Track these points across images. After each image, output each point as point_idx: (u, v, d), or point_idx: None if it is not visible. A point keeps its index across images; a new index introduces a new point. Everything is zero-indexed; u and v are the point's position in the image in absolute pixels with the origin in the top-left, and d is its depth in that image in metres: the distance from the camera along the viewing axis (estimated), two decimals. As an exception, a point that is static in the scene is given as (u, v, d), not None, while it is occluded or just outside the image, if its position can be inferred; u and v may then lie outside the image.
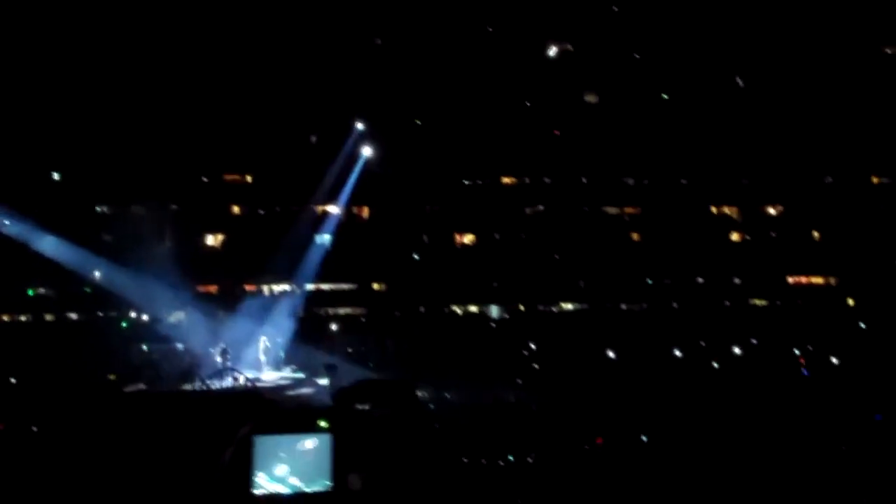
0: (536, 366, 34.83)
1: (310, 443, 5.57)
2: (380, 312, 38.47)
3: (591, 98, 40.74)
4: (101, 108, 37.76)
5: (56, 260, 37.57)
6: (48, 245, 37.71)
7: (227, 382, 32.36)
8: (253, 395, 30.30)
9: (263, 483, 5.58)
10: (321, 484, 5.44)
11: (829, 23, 39.63)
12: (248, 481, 5.41)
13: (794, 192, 41.00)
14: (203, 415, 26.33)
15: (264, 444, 6.10)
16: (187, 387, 31.65)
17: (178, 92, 37.88)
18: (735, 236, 41.88)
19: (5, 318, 39.15)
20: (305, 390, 31.96)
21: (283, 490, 6.31)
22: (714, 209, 41.89)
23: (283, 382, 33.18)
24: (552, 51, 40.00)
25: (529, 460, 14.32)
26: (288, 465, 6.11)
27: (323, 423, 5.42)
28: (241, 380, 32.52)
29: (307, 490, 6.14)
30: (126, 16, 37.79)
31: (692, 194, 40.21)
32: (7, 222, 38.73)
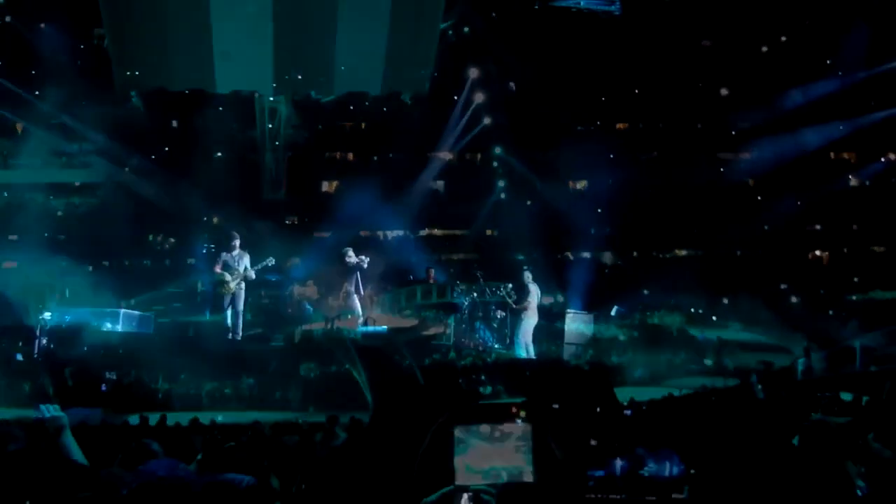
0: None
1: (507, 429, 5.61)
2: (493, 259, 38.68)
3: (705, 42, 40.08)
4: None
5: (171, 203, 38.45)
6: (164, 188, 38.58)
7: (352, 323, 33.07)
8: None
9: (462, 473, 5.68)
10: (521, 473, 5.49)
11: None
12: (449, 471, 5.53)
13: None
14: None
15: (462, 433, 6.20)
16: (307, 328, 32.40)
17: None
18: (853, 182, 41.23)
19: (126, 262, 40.07)
20: (426, 333, 32.71)
21: (483, 480, 6.39)
22: (832, 154, 41.25)
23: (402, 326, 33.91)
24: (668, -8, 39.19)
25: None
26: (486, 454, 6.23)
27: (522, 413, 5.45)
28: (366, 322, 33.21)
29: (507, 480, 6.22)
30: None
31: (809, 139, 39.34)
32: (126, 168, 39.67)
